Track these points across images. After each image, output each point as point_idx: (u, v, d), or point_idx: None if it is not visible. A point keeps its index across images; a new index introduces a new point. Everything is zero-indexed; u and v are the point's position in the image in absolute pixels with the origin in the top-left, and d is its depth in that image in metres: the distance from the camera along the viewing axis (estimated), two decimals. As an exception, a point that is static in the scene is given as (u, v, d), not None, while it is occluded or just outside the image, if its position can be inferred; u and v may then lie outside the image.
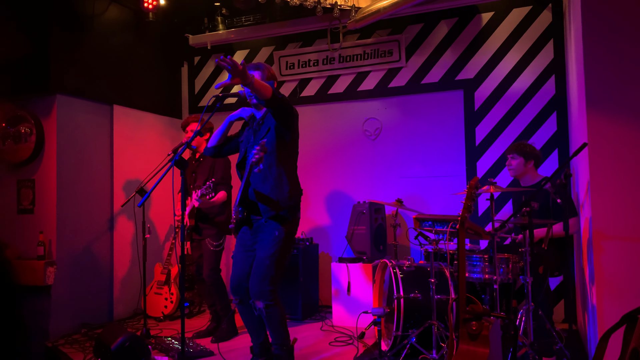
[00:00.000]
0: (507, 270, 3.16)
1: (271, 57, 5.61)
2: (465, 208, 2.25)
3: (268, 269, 2.95)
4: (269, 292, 2.94)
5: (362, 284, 4.42)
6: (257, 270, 2.98)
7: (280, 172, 3.03)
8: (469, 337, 1.96)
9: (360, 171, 5.27)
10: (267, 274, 2.95)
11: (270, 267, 2.95)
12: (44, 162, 4.41)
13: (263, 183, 3.02)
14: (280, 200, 3.01)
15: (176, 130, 5.75)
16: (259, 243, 3.05)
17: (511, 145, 3.79)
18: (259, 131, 3.11)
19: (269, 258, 2.96)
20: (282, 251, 3.01)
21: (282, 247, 3.00)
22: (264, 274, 2.95)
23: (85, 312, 4.56)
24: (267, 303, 2.94)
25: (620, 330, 2.01)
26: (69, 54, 4.46)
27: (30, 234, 4.37)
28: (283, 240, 3.01)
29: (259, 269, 2.98)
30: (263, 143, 2.83)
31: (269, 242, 2.99)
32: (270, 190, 3.01)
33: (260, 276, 2.95)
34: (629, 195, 2.60)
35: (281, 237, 3.00)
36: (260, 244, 3.04)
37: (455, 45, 4.89)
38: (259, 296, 2.95)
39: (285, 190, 3.03)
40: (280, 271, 3.02)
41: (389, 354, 3.44)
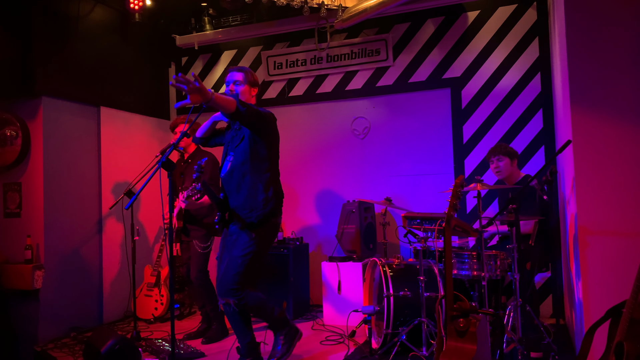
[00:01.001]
0: (495, 266, 3.20)
1: (259, 57, 5.60)
2: (451, 206, 2.27)
3: (238, 268, 3.01)
4: (236, 289, 3.01)
5: (352, 282, 4.44)
6: (227, 269, 3.04)
7: (254, 181, 3.07)
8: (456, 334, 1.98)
9: (349, 170, 5.28)
10: (237, 273, 3.00)
11: (241, 267, 3.01)
12: (30, 165, 4.37)
13: (237, 193, 3.09)
14: (254, 209, 3.06)
15: (164, 132, 5.72)
16: (234, 242, 3.11)
17: (493, 149, 3.80)
18: (235, 136, 3.18)
19: (241, 257, 3.02)
20: (255, 253, 3.05)
21: (255, 250, 3.05)
22: (233, 272, 3.01)
23: (75, 316, 4.53)
24: (237, 298, 3.00)
25: (605, 325, 2.05)
26: (54, 56, 4.42)
27: (17, 237, 4.32)
28: (257, 243, 3.05)
29: (229, 267, 3.03)
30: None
31: (243, 243, 3.04)
32: (244, 200, 3.07)
33: (230, 275, 3.01)
34: (613, 191, 2.64)
35: (256, 239, 3.05)
36: (235, 243, 3.08)
37: (442, 44, 4.92)
38: (227, 294, 3.02)
39: (259, 198, 3.07)
40: (251, 272, 3.06)
41: (380, 351, 3.46)
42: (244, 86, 3.16)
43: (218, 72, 5.83)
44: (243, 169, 3.07)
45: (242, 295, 3.02)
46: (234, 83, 3.16)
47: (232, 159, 3.11)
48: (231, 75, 3.19)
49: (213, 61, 5.85)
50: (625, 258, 2.56)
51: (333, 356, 3.59)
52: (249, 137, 3.06)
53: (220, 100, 2.73)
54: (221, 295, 3.04)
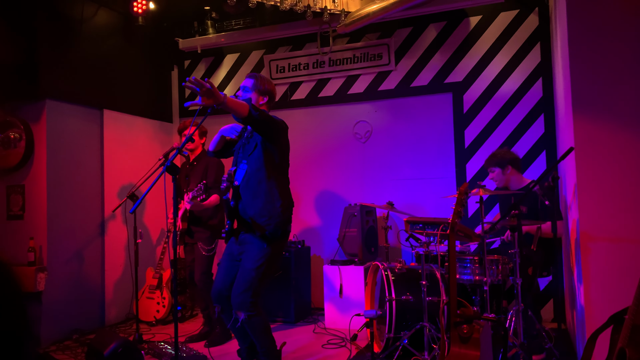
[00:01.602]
0: (497, 271, 3.21)
1: (261, 61, 5.63)
2: (456, 214, 2.28)
3: (252, 281, 2.92)
4: (251, 303, 2.91)
5: (354, 286, 4.45)
6: (240, 281, 2.94)
7: (270, 187, 3.00)
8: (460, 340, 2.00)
9: (351, 174, 5.30)
10: (251, 286, 2.91)
11: (255, 279, 2.92)
12: (33, 168, 4.39)
13: (253, 200, 2.99)
14: (273, 216, 2.98)
15: (167, 134, 5.74)
16: (245, 253, 3.01)
17: (487, 159, 3.82)
18: (247, 144, 3.11)
19: (255, 270, 2.93)
20: (269, 264, 2.98)
21: (269, 260, 2.97)
22: (247, 285, 2.91)
23: (77, 318, 4.54)
24: (249, 314, 2.91)
25: (607, 331, 2.06)
26: (58, 59, 4.44)
27: (20, 239, 4.34)
28: (271, 254, 2.98)
29: (243, 280, 2.94)
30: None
31: (257, 254, 2.95)
32: (263, 206, 2.97)
33: (244, 287, 2.92)
34: (615, 197, 2.65)
35: (270, 250, 2.97)
36: (247, 255, 2.99)
37: (444, 49, 4.94)
38: (240, 307, 2.91)
39: (277, 205, 2.99)
40: (264, 284, 2.99)
41: (382, 356, 3.47)
42: (251, 93, 3.07)
43: (220, 76, 5.85)
44: (259, 176, 2.99)
45: (256, 313, 2.93)
46: (242, 89, 3.11)
47: (247, 167, 3.02)
48: (244, 82, 3.14)
49: (216, 64, 5.87)
50: (627, 264, 2.57)
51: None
52: (262, 143, 2.99)
53: (232, 103, 2.68)
54: (235, 307, 2.94)
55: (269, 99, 3.14)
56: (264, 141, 3.00)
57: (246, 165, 3.04)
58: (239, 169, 3.08)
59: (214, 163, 4.14)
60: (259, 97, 3.10)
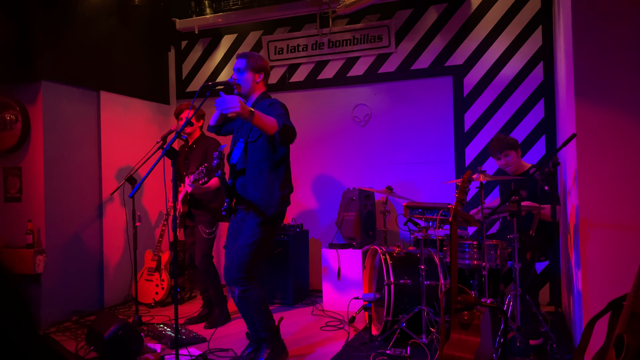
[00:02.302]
0: (496, 256, 3.23)
1: (259, 42, 5.56)
2: (458, 201, 2.28)
3: (245, 257, 3.00)
4: (243, 279, 3.00)
5: (352, 269, 4.48)
6: (234, 257, 3.04)
7: (271, 179, 3.05)
8: (460, 327, 2.01)
9: (349, 157, 5.28)
10: (243, 262, 3.00)
11: (247, 255, 3.00)
12: (30, 150, 4.35)
13: (253, 188, 3.05)
14: (270, 206, 3.05)
15: (164, 116, 5.70)
16: (240, 231, 3.10)
17: (495, 145, 3.73)
18: (245, 123, 3.12)
19: (247, 246, 3.01)
20: (262, 241, 3.05)
21: (262, 238, 3.05)
22: (240, 261, 3.00)
23: (76, 300, 4.56)
24: (242, 289, 3.01)
25: (605, 317, 2.08)
26: (53, 40, 4.37)
27: (18, 222, 4.32)
28: (264, 232, 3.05)
29: (236, 256, 3.03)
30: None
31: (250, 231, 3.03)
32: (261, 196, 3.05)
33: (237, 263, 3.01)
34: (615, 184, 2.66)
35: (263, 229, 3.04)
36: (243, 233, 3.08)
37: (445, 31, 4.89)
38: (234, 282, 3.01)
39: (275, 197, 3.06)
40: (257, 260, 3.07)
41: (380, 338, 3.51)
42: (246, 73, 3.09)
43: (218, 57, 5.78)
44: (260, 166, 3.04)
45: (249, 287, 3.02)
46: (237, 71, 3.11)
47: (249, 152, 3.05)
48: (236, 63, 3.15)
49: (213, 45, 5.80)
50: (626, 251, 2.59)
51: (333, 342, 3.64)
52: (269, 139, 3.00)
53: (259, 121, 2.71)
54: (228, 283, 3.05)
55: (264, 75, 3.15)
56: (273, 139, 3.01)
57: (243, 144, 3.08)
58: (236, 147, 3.12)
59: (214, 146, 4.12)
60: (255, 75, 3.11)
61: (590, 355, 2.07)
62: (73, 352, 3.55)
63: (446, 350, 2.05)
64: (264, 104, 3.04)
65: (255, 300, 3.05)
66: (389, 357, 3.19)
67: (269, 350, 3.09)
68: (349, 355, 3.32)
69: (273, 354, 3.10)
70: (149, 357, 3.20)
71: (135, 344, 3.31)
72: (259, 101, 3.11)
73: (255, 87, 3.13)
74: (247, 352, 3.18)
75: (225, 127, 3.36)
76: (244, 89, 3.09)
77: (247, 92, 3.12)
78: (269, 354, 3.08)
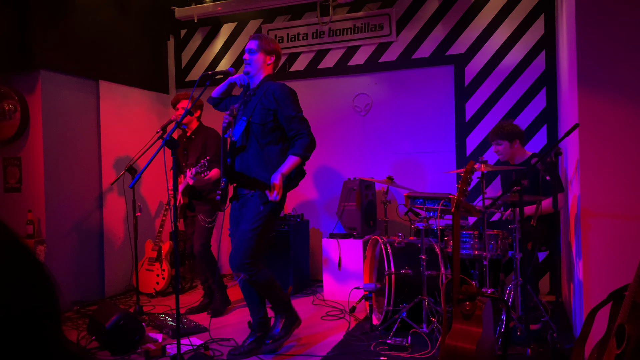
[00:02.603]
0: (497, 246, 3.23)
1: (259, 31, 5.51)
2: (461, 192, 2.27)
3: (249, 242, 3.01)
4: (249, 264, 3.02)
5: (352, 259, 4.48)
6: (238, 242, 3.05)
7: (280, 161, 3.06)
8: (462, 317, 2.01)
9: (350, 147, 5.26)
10: (248, 247, 3.01)
11: (251, 240, 3.01)
12: (30, 140, 4.33)
13: (263, 169, 3.06)
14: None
15: (163, 106, 5.67)
16: (242, 216, 3.11)
17: (492, 133, 3.74)
18: (249, 102, 3.13)
19: (250, 231, 3.02)
20: (265, 226, 3.06)
21: (265, 222, 3.05)
22: (245, 247, 3.01)
23: (77, 290, 4.57)
24: (248, 274, 3.02)
25: (606, 307, 2.08)
26: (52, 29, 4.33)
27: (18, 212, 4.32)
28: (267, 215, 3.05)
29: (240, 241, 3.04)
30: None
31: (252, 216, 3.04)
32: (269, 177, 3.02)
33: (241, 249, 3.02)
34: (617, 174, 2.64)
35: (265, 212, 3.04)
36: (244, 218, 3.09)
37: (446, 19, 4.84)
38: (239, 268, 3.03)
39: None
40: (261, 245, 3.09)
41: (380, 328, 3.52)
42: (257, 54, 3.11)
43: (217, 46, 5.74)
44: (269, 148, 3.07)
45: (255, 271, 3.03)
46: (249, 52, 3.14)
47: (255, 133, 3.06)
48: (248, 44, 3.16)
49: (212, 34, 5.76)
50: (627, 241, 2.58)
51: (334, 331, 3.65)
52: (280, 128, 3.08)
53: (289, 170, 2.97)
54: (234, 269, 3.06)
55: (276, 57, 3.18)
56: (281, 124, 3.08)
57: (245, 122, 3.08)
58: (238, 124, 3.11)
59: (213, 137, 4.10)
60: (266, 57, 3.14)
61: (591, 345, 2.07)
62: (75, 341, 3.57)
63: (448, 341, 2.05)
64: (270, 90, 3.07)
65: (264, 282, 3.09)
66: (389, 346, 3.20)
67: (283, 320, 3.18)
68: (349, 345, 3.33)
69: (287, 322, 3.19)
70: (150, 347, 3.21)
71: (137, 333, 3.33)
72: (263, 83, 3.13)
73: (264, 68, 3.16)
74: (248, 342, 3.19)
75: (225, 102, 3.38)
76: (253, 69, 3.13)
77: (255, 72, 3.14)
78: (284, 323, 3.16)
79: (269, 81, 3.14)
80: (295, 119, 3.04)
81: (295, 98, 3.10)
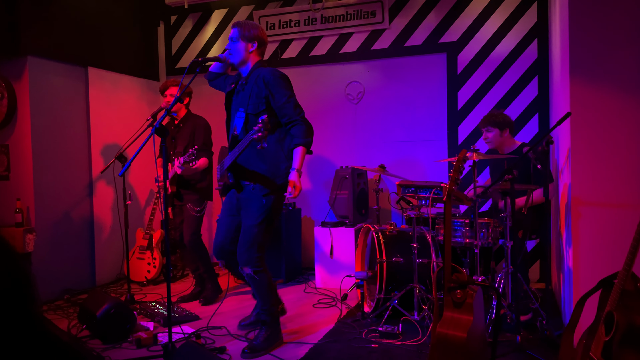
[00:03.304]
0: (488, 234, 3.24)
1: (251, 17, 5.45)
2: (452, 181, 2.27)
3: (255, 237, 2.98)
4: (256, 258, 2.99)
5: (344, 247, 4.49)
6: (244, 238, 3.01)
7: (276, 150, 3.03)
8: (453, 305, 2.02)
9: (342, 135, 5.25)
10: (255, 241, 2.98)
11: (258, 235, 2.99)
12: (17, 127, 4.27)
13: (259, 161, 3.01)
14: (277, 177, 3.02)
15: (154, 93, 5.60)
16: (245, 210, 3.06)
17: (483, 119, 3.73)
18: (242, 92, 3.09)
19: (256, 226, 2.98)
20: (269, 219, 3.02)
21: (269, 214, 3.02)
22: (251, 241, 2.98)
23: (68, 278, 4.54)
24: (255, 269, 2.99)
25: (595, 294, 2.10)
26: (39, 14, 4.25)
27: (6, 200, 4.27)
28: (270, 208, 3.02)
29: (246, 237, 3.00)
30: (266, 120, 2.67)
31: (256, 210, 2.99)
32: (268, 168, 3.01)
33: (248, 244, 2.98)
34: (609, 163, 2.66)
35: (269, 205, 3.01)
36: (247, 212, 3.03)
37: (439, 7, 4.81)
38: (246, 263, 2.99)
39: (282, 167, 3.04)
40: (267, 238, 3.06)
41: (372, 315, 3.54)
42: (238, 43, 3.05)
43: (208, 32, 5.67)
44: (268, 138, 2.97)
45: (262, 268, 3.02)
46: (230, 40, 3.08)
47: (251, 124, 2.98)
48: (230, 33, 3.10)
49: (203, 20, 5.68)
50: (617, 229, 2.60)
51: (326, 319, 3.66)
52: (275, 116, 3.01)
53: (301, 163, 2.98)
54: (242, 264, 3.01)
55: (259, 44, 3.08)
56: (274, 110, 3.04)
57: (244, 114, 3.03)
58: (237, 117, 3.07)
59: (201, 125, 4.06)
60: (247, 44, 3.06)
61: (580, 332, 2.10)
62: (65, 330, 3.55)
63: (439, 329, 2.06)
64: (261, 76, 3.00)
65: (265, 283, 3.05)
66: (381, 333, 3.22)
67: (268, 333, 3.08)
68: (341, 332, 3.35)
69: (270, 337, 3.08)
70: (141, 335, 3.21)
71: (128, 322, 3.32)
72: (254, 70, 3.07)
73: (248, 56, 3.08)
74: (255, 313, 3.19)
75: (220, 80, 3.32)
76: (237, 59, 3.07)
77: (240, 61, 3.08)
78: (266, 336, 3.07)
79: (259, 67, 3.09)
80: (287, 104, 2.97)
81: (286, 82, 3.03)
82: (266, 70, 3.04)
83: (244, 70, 3.11)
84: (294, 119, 2.98)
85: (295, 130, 2.98)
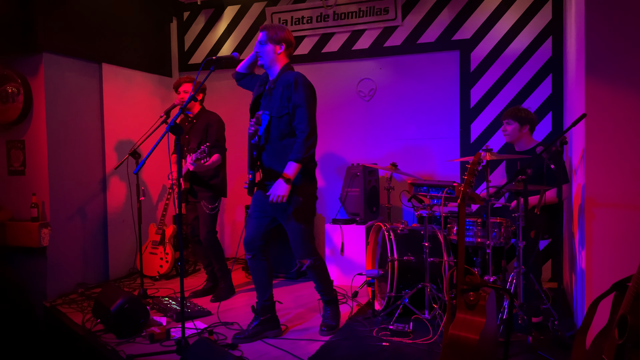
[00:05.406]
0: (500, 234, 3.24)
1: (263, 14, 5.46)
2: (467, 183, 2.27)
3: (304, 233, 3.18)
4: (311, 249, 3.22)
5: (355, 244, 4.50)
6: (295, 238, 3.19)
7: None
8: (466, 307, 2.03)
9: (354, 132, 5.25)
10: (305, 237, 3.18)
11: (306, 230, 3.18)
12: (33, 123, 4.32)
13: (280, 164, 3.07)
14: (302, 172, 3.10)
15: (166, 89, 5.64)
16: (282, 214, 3.14)
17: (507, 111, 3.74)
18: (270, 95, 3.15)
19: (298, 224, 3.15)
20: (307, 212, 3.18)
21: (305, 209, 3.16)
22: (302, 238, 3.18)
23: (81, 272, 4.61)
24: (313, 258, 3.22)
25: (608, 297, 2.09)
26: (54, 11, 4.29)
27: (22, 195, 4.33)
28: (305, 204, 3.15)
29: (296, 237, 3.18)
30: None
31: (293, 210, 3.11)
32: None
33: (300, 241, 3.19)
34: (623, 163, 2.64)
35: (302, 201, 3.13)
36: (284, 214, 3.13)
37: (453, 4, 4.78)
38: (304, 256, 3.22)
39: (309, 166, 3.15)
40: (312, 228, 3.24)
41: (383, 313, 3.55)
42: (267, 45, 3.11)
43: (221, 29, 5.68)
44: (284, 142, 3.10)
45: (317, 256, 3.25)
46: (259, 44, 3.14)
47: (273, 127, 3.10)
48: (259, 36, 3.17)
49: (216, 17, 5.70)
50: (631, 232, 2.59)
51: (336, 316, 3.67)
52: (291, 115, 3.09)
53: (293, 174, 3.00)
54: (299, 258, 3.24)
55: (285, 45, 3.16)
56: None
57: (268, 117, 3.11)
58: (262, 119, 3.15)
59: (215, 122, 4.08)
60: (275, 46, 3.13)
61: (593, 334, 2.09)
62: (80, 324, 3.61)
63: (452, 330, 2.07)
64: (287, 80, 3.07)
65: (324, 269, 3.33)
66: (391, 332, 3.23)
67: (334, 311, 3.40)
68: (352, 330, 3.36)
69: (337, 314, 3.40)
70: (154, 330, 3.25)
71: (141, 317, 3.36)
72: (281, 74, 3.13)
73: (276, 58, 3.15)
74: (252, 325, 3.23)
75: (247, 79, 3.40)
76: (266, 60, 3.15)
77: (269, 63, 3.15)
78: (333, 314, 3.38)
79: (287, 71, 3.15)
80: (300, 108, 3.02)
81: (309, 91, 3.07)
82: (292, 74, 3.11)
83: (272, 72, 3.18)
84: (300, 127, 3.03)
85: (296, 145, 3.04)
